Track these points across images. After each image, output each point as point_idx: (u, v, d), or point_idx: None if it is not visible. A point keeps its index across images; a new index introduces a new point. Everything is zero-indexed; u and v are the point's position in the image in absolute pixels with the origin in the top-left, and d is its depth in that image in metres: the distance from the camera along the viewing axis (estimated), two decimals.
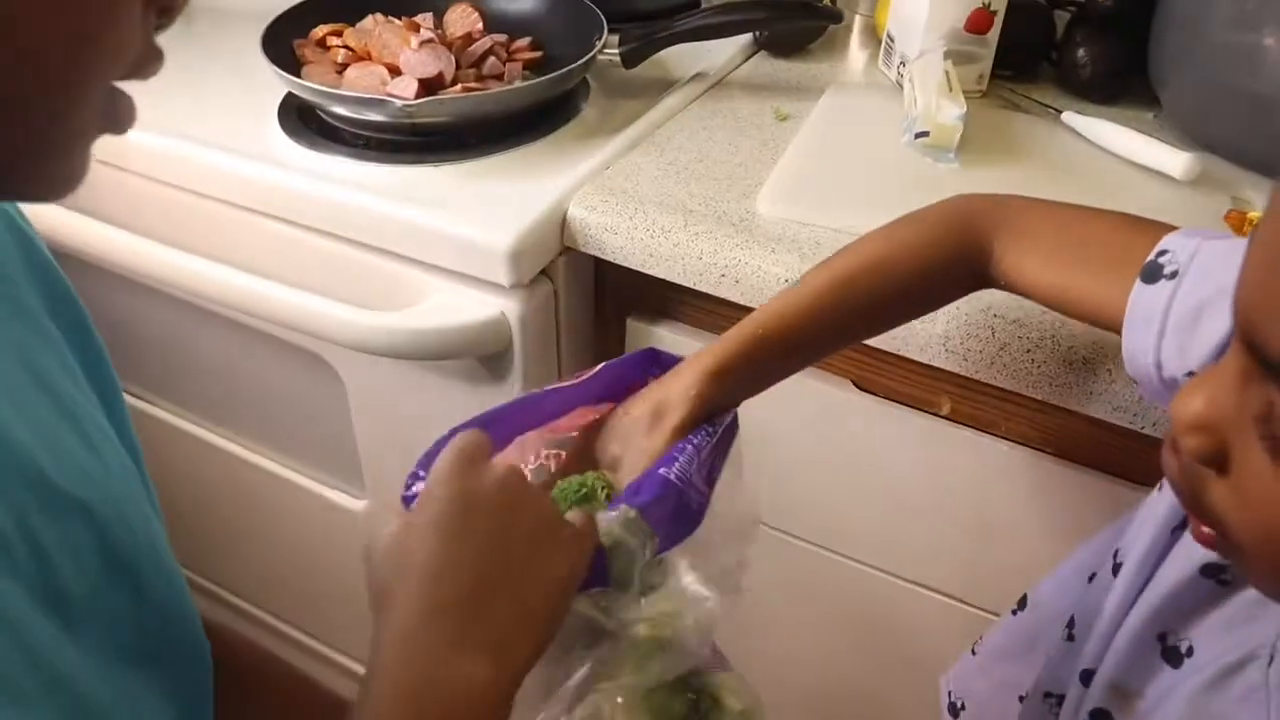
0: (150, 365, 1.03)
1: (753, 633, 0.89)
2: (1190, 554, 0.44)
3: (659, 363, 0.55)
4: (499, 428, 0.50)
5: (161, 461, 1.07)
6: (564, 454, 0.53)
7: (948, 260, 0.56)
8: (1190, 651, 0.44)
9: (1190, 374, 0.46)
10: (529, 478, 0.50)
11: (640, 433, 0.51)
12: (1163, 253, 0.49)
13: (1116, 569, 0.51)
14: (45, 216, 0.86)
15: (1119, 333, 0.50)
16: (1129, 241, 0.51)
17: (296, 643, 1.18)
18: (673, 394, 0.52)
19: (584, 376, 0.54)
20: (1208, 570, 0.44)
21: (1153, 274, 0.48)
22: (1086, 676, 0.50)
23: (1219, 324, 0.44)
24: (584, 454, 0.53)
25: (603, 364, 0.55)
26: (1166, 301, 0.47)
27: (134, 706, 0.38)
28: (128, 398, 1.11)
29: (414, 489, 0.46)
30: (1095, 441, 0.67)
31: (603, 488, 0.50)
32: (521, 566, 0.42)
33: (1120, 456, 0.67)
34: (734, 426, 0.54)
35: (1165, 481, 0.47)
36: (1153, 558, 0.46)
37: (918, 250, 0.56)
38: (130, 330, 1.01)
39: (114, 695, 0.36)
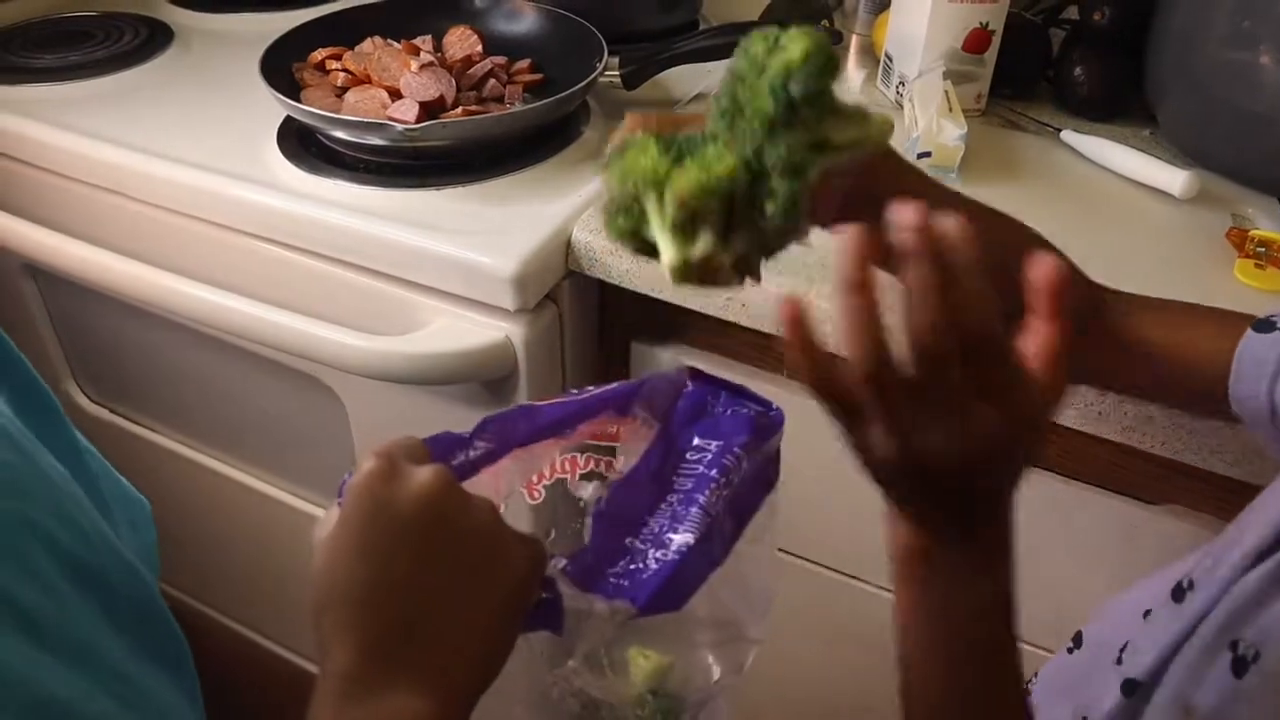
0: (149, 389, 1.03)
1: (765, 656, 0.89)
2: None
3: (698, 380, 0.51)
4: (492, 438, 0.45)
5: (159, 485, 1.06)
6: (590, 457, 0.48)
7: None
8: (1256, 657, 0.44)
9: None
10: (538, 496, 0.46)
11: None
12: (1274, 315, 0.52)
13: (1179, 594, 0.51)
14: (45, 242, 0.86)
15: (1213, 387, 0.53)
16: (1229, 311, 0.55)
17: (298, 668, 1.16)
18: None
19: (593, 391, 0.48)
20: None
21: (1267, 326, 0.52)
22: (1131, 687, 0.49)
23: None
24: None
25: (620, 383, 0.49)
26: None
27: (160, 711, 0.36)
28: (123, 421, 1.10)
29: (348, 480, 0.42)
30: (1104, 461, 0.67)
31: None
32: (458, 585, 0.38)
33: (1130, 476, 0.67)
34: (776, 447, 0.49)
35: (1250, 509, 0.48)
36: (1235, 575, 0.46)
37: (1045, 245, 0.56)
38: (129, 354, 1.00)
39: (134, 704, 0.34)
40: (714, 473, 0.46)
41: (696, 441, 0.47)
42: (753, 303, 0.68)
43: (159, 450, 1.04)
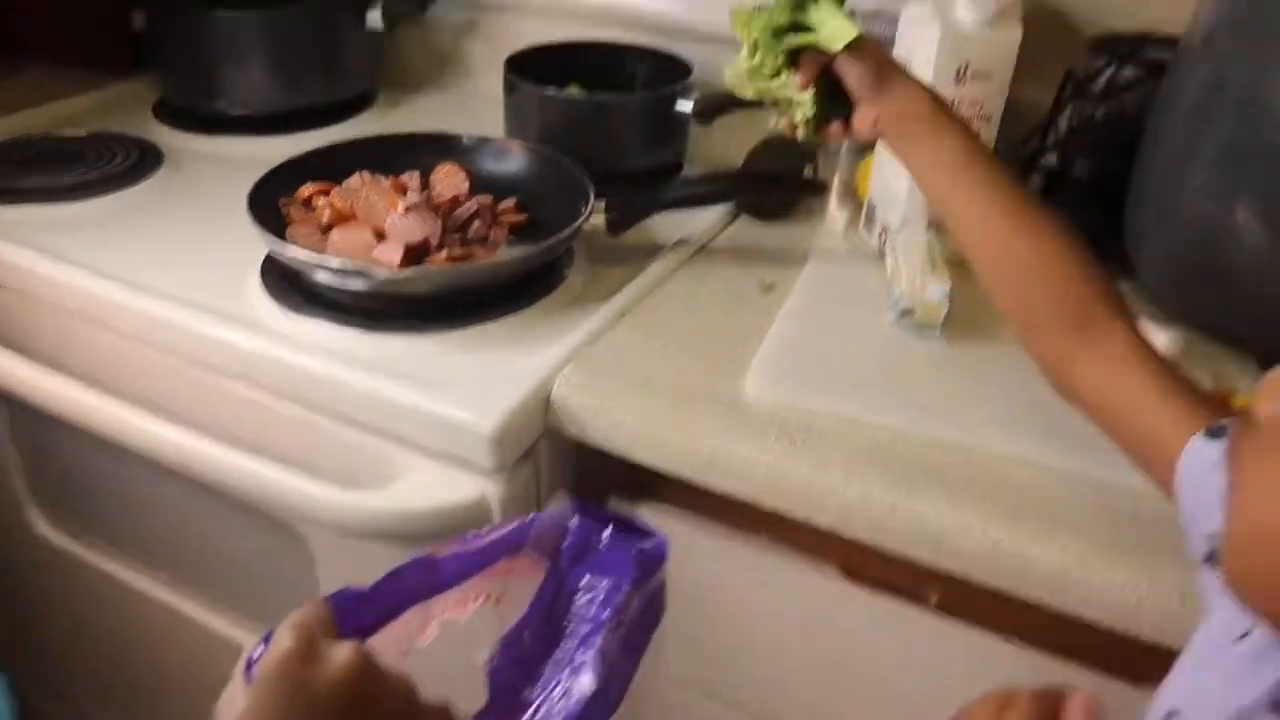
0: (113, 519, 1.00)
1: None
2: None
3: (584, 514, 0.50)
4: (387, 595, 0.45)
5: (116, 619, 1.02)
6: (480, 594, 0.48)
7: (1072, 267, 0.61)
8: None
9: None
10: (430, 636, 0.46)
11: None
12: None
13: None
14: (15, 372, 0.85)
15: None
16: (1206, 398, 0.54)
17: None
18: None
19: (488, 537, 0.48)
20: None
21: (1217, 433, 0.48)
22: None
23: None
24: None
25: (512, 523, 0.49)
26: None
27: None
28: (83, 551, 1.05)
29: (257, 656, 0.41)
30: (1090, 640, 0.65)
31: None
32: None
33: (1118, 652, 0.65)
34: (662, 580, 0.49)
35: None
36: None
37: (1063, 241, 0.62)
38: (94, 482, 0.98)
39: None
40: (607, 613, 0.46)
41: (586, 580, 0.48)
42: (733, 469, 0.67)
43: (119, 584, 1.00)
